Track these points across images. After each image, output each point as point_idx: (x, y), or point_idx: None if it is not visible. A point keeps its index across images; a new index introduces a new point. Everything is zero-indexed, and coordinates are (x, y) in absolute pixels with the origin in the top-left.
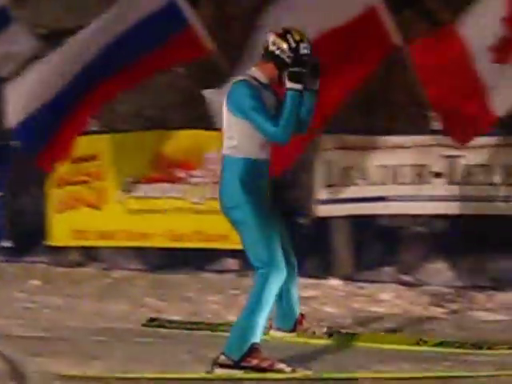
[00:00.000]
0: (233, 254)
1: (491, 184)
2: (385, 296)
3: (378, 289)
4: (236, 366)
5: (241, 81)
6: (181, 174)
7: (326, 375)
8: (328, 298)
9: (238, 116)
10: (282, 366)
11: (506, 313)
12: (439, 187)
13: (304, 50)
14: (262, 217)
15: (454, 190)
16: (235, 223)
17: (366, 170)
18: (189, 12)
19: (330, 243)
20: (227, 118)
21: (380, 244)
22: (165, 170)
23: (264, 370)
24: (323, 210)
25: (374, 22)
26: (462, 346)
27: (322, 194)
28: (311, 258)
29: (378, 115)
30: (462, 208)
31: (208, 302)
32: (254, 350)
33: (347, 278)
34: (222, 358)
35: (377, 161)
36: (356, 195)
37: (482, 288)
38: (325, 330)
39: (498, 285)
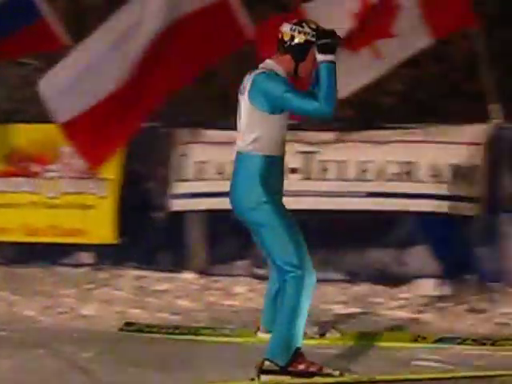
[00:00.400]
0: (87, 248)
1: (345, 180)
2: (238, 289)
3: (231, 282)
4: (283, 371)
5: (263, 73)
6: (36, 168)
7: (378, 378)
8: (182, 291)
9: (264, 109)
10: (329, 370)
11: (358, 305)
12: (295, 183)
13: (319, 38)
14: (285, 217)
15: (309, 185)
16: (256, 225)
17: (222, 165)
18: (42, 3)
19: (184, 237)
20: (249, 113)
21: (234, 238)
22: (19, 164)
23: (312, 375)
24: (178, 204)
25: (227, 14)
26: (462, 342)
27: (177, 188)
28: (166, 251)
29: (236, 110)
30: (316, 203)
31: (62, 295)
32: (299, 354)
33: (202, 272)
34: (267, 363)
35: (233, 156)
36: (212, 190)
37: (334, 281)
38: (316, 329)
39: (351, 278)
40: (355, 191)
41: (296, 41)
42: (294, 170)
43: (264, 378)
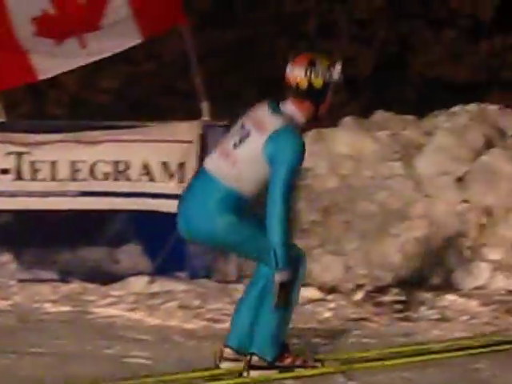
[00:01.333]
0: None
1: (56, 180)
2: None
3: None
4: (270, 366)
5: (291, 131)
6: None
7: (357, 366)
8: None
9: (268, 165)
10: (312, 362)
11: (70, 303)
12: (6, 183)
13: (336, 74)
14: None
15: (21, 185)
16: (229, 242)
17: None
18: None
19: None
20: (254, 156)
21: None
22: None
23: (297, 368)
24: None
25: None
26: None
27: None
28: None
29: None
30: (28, 203)
31: None
32: (285, 348)
33: None
34: (255, 359)
35: None
36: None
37: (46, 280)
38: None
39: (63, 277)
40: (67, 191)
41: (315, 87)
42: (5, 171)
43: (253, 373)
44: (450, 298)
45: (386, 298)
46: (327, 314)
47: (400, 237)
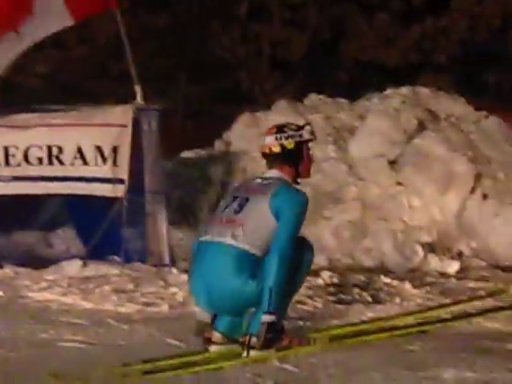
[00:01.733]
0: None
1: None
2: None
3: None
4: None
5: (292, 186)
6: None
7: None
8: None
9: (275, 218)
10: (306, 341)
11: (2, 288)
12: None
13: (306, 134)
14: None
15: None
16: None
17: None
18: None
19: None
20: (261, 215)
21: None
22: None
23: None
24: None
25: None
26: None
27: None
28: None
29: None
30: None
31: None
32: (282, 331)
33: None
34: (254, 340)
35: None
36: None
37: None
38: None
39: None
40: (0, 175)
41: (287, 148)
42: None
43: (253, 353)
44: (384, 280)
45: (320, 281)
46: None
47: (333, 220)
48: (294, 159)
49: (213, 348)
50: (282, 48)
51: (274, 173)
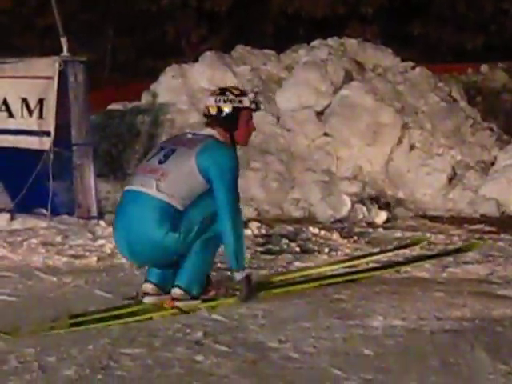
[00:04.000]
0: None
1: None
2: None
3: None
4: (195, 298)
5: (220, 142)
6: None
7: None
8: None
9: (202, 175)
10: (232, 291)
11: None
12: None
13: (247, 102)
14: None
15: None
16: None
17: None
18: None
19: None
20: (188, 171)
21: None
22: None
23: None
24: None
25: None
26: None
27: None
28: None
29: None
30: None
31: None
32: (208, 282)
33: None
34: (179, 292)
35: None
36: None
37: None
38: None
39: None
40: None
41: (224, 112)
42: None
43: (180, 304)
44: (312, 230)
45: (248, 232)
46: None
47: (261, 171)
48: (230, 124)
49: (146, 299)
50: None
51: (207, 131)
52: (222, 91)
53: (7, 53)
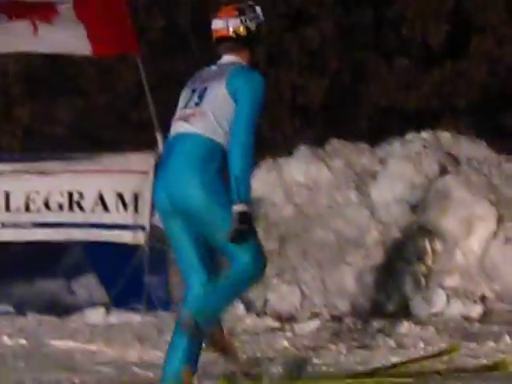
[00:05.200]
0: None
1: (11, 210)
2: None
3: None
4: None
5: (248, 67)
6: None
7: None
8: None
9: (233, 102)
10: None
11: (25, 336)
12: None
13: (261, 15)
14: None
15: None
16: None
17: None
18: None
19: None
20: (221, 101)
21: None
22: None
23: None
24: None
25: None
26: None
27: None
28: None
29: None
30: None
31: None
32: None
33: None
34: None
35: None
36: None
37: (2, 313)
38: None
39: (18, 309)
40: (21, 222)
41: (252, 31)
42: None
43: None
44: (407, 325)
45: (343, 327)
46: (284, 343)
47: (356, 265)
48: (255, 42)
49: None
50: (301, 93)
51: (229, 58)
52: (242, 10)
53: (102, 147)
